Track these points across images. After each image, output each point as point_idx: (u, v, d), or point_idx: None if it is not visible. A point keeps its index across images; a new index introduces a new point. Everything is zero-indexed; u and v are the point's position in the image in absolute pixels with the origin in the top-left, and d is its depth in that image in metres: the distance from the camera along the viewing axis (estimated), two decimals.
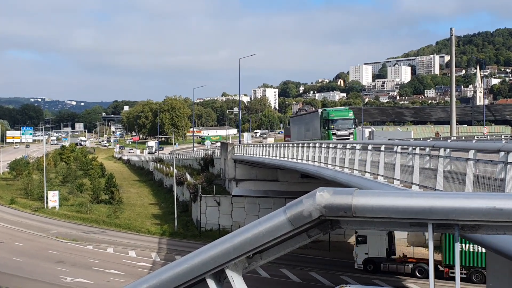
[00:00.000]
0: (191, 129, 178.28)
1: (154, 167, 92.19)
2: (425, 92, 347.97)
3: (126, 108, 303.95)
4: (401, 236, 44.08)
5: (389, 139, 53.63)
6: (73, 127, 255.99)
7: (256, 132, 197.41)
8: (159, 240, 50.95)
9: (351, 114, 47.50)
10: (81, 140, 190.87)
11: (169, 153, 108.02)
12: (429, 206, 2.33)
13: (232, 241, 2.62)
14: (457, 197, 2.38)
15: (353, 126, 48.07)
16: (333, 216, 2.58)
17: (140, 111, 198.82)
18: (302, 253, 42.13)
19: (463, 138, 42.49)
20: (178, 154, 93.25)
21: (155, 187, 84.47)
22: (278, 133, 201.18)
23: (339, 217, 2.61)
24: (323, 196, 2.58)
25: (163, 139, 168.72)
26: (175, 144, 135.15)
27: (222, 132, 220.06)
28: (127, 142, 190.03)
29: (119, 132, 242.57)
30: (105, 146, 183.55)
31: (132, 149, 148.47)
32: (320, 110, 51.34)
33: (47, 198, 67.08)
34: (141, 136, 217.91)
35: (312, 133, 50.95)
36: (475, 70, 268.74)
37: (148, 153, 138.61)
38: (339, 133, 46.87)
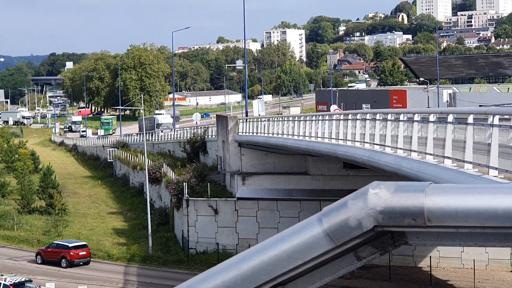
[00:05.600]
0: (170, 96, 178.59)
1: (115, 156, 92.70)
2: None
3: (69, 64, 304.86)
4: (500, 256, 44.11)
5: (480, 105, 53.51)
6: None
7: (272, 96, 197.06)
8: (126, 269, 51.26)
9: None
10: (23, 117, 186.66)
11: (137, 134, 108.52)
12: None
13: (240, 267, 2.61)
14: None
15: None
16: (396, 225, 2.56)
17: (91, 69, 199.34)
18: (347, 286, 42.29)
19: None
20: (151, 135, 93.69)
21: (117, 187, 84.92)
22: (301, 95, 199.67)
23: (404, 228, 2.59)
24: (380, 195, 2.55)
25: (127, 111, 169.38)
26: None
27: (219, 98, 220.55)
28: (70, 116, 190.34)
29: (60, 102, 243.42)
30: (40, 124, 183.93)
31: (83, 131, 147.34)
32: None
33: None
34: (93, 107, 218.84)
35: None
36: None
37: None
38: None
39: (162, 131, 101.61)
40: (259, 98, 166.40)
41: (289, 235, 2.71)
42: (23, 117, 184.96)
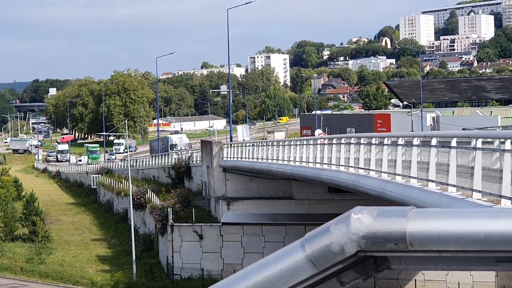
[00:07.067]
0: (155, 121, 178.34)
1: (99, 183, 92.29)
2: None
3: (52, 91, 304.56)
4: (485, 279, 44.12)
5: (463, 129, 53.84)
6: None
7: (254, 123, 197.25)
8: None
9: None
10: (31, 145, 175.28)
11: (121, 160, 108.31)
12: None
13: None
14: None
15: None
16: (379, 250, 2.57)
17: (75, 96, 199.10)
18: None
19: None
20: (136, 161, 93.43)
21: (101, 214, 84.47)
22: (286, 121, 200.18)
23: (387, 252, 2.60)
24: (362, 221, 2.56)
25: (111, 137, 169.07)
26: (129, 145, 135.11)
27: (203, 124, 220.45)
28: (56, 144, 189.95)
29: (43, 128, 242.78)
30: (20, 150, 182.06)
31: (80, 159, 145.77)
32: None
33: None
34: (77, 133, 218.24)
35: None
36: None
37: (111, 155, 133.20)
38: None
39: (176, 152, 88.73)
40: (210, 127, 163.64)
41: (272, 261, 2.71)
42: (31, 146, 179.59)
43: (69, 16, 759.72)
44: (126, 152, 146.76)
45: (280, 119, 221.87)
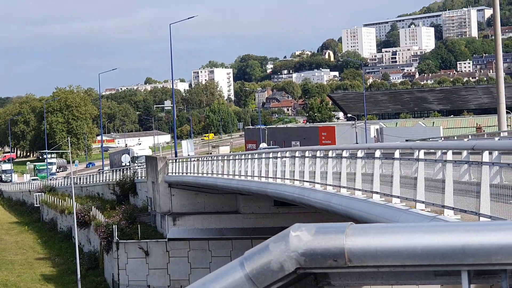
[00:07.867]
0: (99, 138, 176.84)
1: (42, 201, 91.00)
2: (458, 65, 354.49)
3: None
4: None
5: (406, 140, 54.60)
6: None
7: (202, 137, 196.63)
8: None
9: None
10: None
11: (64, 177, 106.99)
12: (461, 244, 2.31)
13: None
14: (507, 229, 2.42)
15: None
16: (318, 267, 2.57)
17: (16, 113, 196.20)
18: None
19: None
20: (80, 179, 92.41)
21: (45, 232, 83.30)
22: (231, 135, 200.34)
23: (327, 269, 2.60)
24: (301, 238, 2.55)
25: (53, 155, 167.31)
26: (74, 162, 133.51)
27: (148, 140, 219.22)
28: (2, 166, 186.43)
29: None
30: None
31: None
32: None
33: None
34: (18, 152, 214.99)
35: None
36: None
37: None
38: None
39: (138, 165, 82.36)
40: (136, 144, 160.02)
41: (211, 280, 2.69)
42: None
43: (7, 33, 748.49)
44: (58, 172, 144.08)
45: (206, 136, 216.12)
